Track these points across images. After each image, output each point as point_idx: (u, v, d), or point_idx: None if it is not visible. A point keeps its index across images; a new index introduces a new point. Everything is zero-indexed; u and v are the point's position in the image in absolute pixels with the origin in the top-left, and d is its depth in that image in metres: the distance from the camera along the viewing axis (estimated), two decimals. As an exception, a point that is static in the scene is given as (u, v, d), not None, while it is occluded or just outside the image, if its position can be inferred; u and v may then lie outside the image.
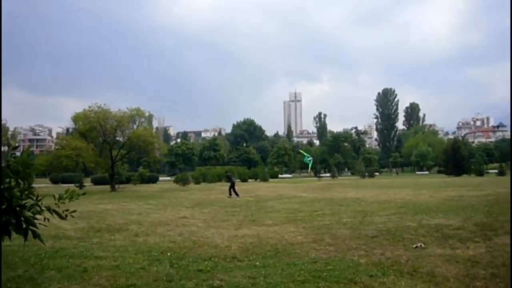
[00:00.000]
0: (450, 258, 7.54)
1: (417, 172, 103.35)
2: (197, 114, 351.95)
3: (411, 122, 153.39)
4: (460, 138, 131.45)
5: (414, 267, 7.00)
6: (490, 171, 75.09)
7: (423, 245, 8.76)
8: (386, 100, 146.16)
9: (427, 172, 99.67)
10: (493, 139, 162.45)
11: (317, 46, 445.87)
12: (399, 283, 6.10)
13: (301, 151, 40.70)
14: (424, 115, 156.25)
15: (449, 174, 66.35)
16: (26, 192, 3.12)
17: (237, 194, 26.08)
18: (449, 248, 8.51)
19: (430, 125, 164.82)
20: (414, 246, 8.75)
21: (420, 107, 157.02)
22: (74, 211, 3.44)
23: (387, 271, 6.76)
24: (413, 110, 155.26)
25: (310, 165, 36.56)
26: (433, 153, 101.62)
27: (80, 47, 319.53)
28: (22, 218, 2.99)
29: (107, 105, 42.11)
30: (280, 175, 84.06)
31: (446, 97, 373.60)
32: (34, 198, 3.26)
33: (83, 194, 3.97)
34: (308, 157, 35.18)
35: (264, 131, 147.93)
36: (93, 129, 40.79)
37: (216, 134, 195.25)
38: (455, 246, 8.67)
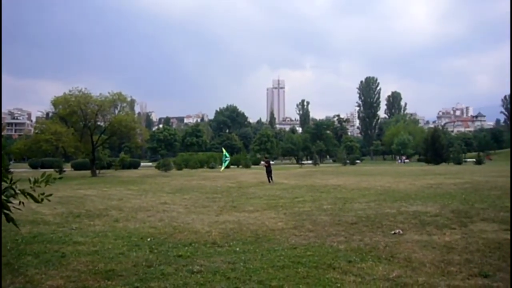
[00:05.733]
0: (427, 244, 7.67)
1: (398, 161, 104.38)
2: (180, 100, 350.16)
3: (393, 110, 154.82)
4: (440, 127, 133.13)
5: (392, 252, 7.10)
6: (468, 160, 76.12)
7: (401, 232, 8.88)
8: (368, 89, 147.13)
9: (407, 160, 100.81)
10: (471, 129, 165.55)
11: (300, 34, 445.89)
12: (377, 268, 6.18)
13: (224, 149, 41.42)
14: (406, 104, 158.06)
15: (428, 162, 67.24)
16: (0, 175, 3.06)
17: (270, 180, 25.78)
18: (426, 234, 8.65)
19: (411, 114, 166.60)
20: (392, 232, 8.87)
21: (402, 96, 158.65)
22: (50, 195, 3.38)
23: (365, 257, 6.84)
24: (394, 99, 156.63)
25: (224, 164, 37.07)
26: (414, 142, 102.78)
27: (61, 30, 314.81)
28: (-4, 202, 2.93)
29: (88, 89, 41.59)
30: (262, 162, 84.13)
31: (427, 87, 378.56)
32: (8, 181, 3.19)
33: (60, 178, 3.91)
34: (226, 156, 35.52)
35: (247, 117, 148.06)
36: (73, 114, 40.23)
37: (199, 120, 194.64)
38: (432, 232, 8.81)
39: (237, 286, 5.47)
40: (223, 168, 38.07)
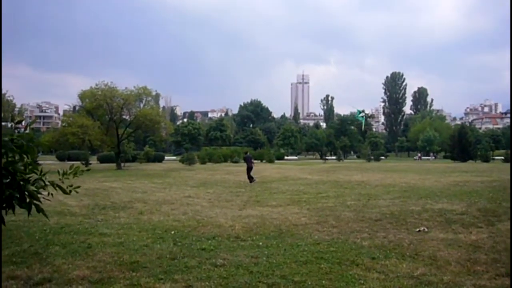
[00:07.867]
0: (453, 243, 7.55)
1: (423, 157, 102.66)
2: (204, 94, 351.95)
3: (419, 106, 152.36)
4: (468, 124, 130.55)
5: (416, 250, 7.01)
6: (496, 157, 74.31)
7: (426, 229, 8.76)
8: (394, 84, 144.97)
9: (433, 157, 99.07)
10: (500, 126, 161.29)
11: (325, 28, 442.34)
12: (401, 265, 6.12)
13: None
14: (432, 100, 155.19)
15: (455, 160, 66.05)
16: (30, 167, 3.12)
17: (251, 178, 22.22)
18: (451, 232, 8.51)
19: (438, 110, 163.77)
20: (417, 230, 8.76)
21: (428, 92, 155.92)
22: (78, 186, 3.45)
23: (389, 254, 6.78)
24: (421, 95, 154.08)
25: (363, 122, 35.38)
26: (440, 138, 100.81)
27: (88, 25, 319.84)
28: (26, 193, 2.99)
29: (114, 83, 42.13)
30: (286, 157, 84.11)
31: (454, 82, 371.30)
32: (38, 172, 3.26)
33: (88, 170, 3.98)
34: (359, 113, 34.38)
35: (271, 112, 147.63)
36: (99, 107, 40.86)
37: (223, 114, 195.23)
38: (457, 231, 8.66)
39: (260, 281, 5.48)
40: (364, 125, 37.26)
